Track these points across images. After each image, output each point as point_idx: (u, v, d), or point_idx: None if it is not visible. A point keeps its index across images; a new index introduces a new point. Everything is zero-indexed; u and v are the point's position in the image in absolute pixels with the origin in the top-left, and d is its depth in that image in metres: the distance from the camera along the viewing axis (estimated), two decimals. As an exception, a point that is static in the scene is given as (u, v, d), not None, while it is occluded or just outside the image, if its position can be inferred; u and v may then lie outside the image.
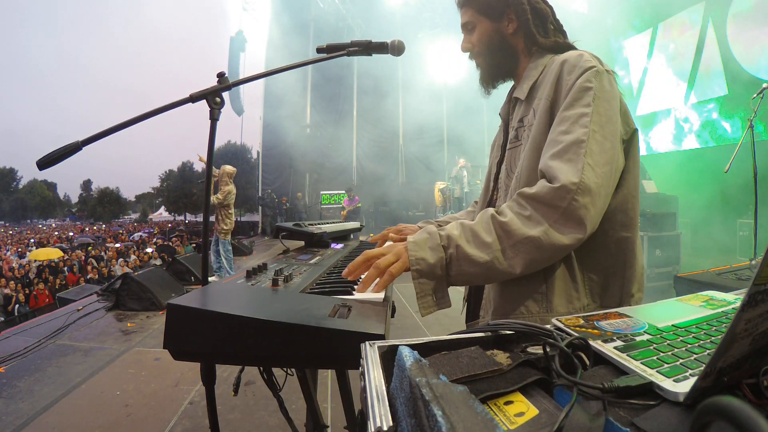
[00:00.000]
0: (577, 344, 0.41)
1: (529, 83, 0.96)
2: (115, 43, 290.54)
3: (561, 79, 0.86)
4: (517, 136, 0.97)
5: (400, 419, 0.32)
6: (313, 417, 1.17)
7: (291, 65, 1.05)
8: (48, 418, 2.37)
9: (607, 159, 0.77)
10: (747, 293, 0.27)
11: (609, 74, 0.85)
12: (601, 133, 0.78)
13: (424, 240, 0.77)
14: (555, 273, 0.84)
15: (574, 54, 0.89)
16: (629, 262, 0.87)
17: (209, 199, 1.03)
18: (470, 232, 0.77)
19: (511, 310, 0.88)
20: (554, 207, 0.74)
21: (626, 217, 0.86)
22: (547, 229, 0.74)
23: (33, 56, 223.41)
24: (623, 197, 0.86)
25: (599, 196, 0.75)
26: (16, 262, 14.27)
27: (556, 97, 0.86)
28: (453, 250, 0.75)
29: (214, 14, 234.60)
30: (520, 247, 0.74)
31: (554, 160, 0.77)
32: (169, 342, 0.59)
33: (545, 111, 0.87)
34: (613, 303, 0.87)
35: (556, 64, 0.89)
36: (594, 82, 0.81)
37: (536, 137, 0.87)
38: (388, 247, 0.80)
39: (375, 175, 14.37)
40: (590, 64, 0.84)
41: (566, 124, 0.80)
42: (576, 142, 0.77)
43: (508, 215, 0.77)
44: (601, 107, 0.80)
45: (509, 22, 1.00)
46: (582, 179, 0.73)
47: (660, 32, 8.45)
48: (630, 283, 0.87)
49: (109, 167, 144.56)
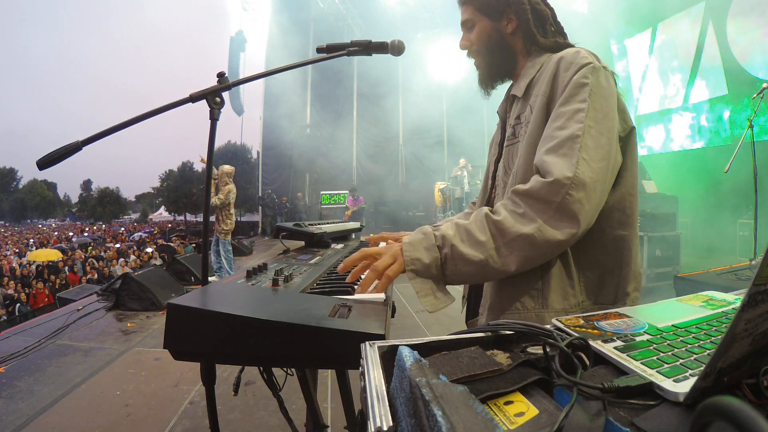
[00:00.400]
0: (577, 344, 0.41)
1: (527, 80, 0.96)
2: (115, 43, 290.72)
3: (557, 76, 0.86)
4: (514, 133, 0.97)
5: (400, 419, 0.32)
6: (313, 417, 1.17)
7: (291, 65, 1.05)
8: (48, 418, 2.37)
9: (603, 154, 0.77)
10: (747, 293, 0.27)
11: (606, 71, 0.85)
12: (597, 128, 0.78)
13: (419, 240, 0.77)
14: (551, 270, 0.84)
15: (571, 51, 0.89)
16: (626, 261, 0.87)
17: (209, 198, 1.03)
18: (464, 231, 0.77)
19: (507, 306, 0.88)
20: (548, 202, 0.74)
21: (624, 216, 0.86)
22: (541, 225, 0.73)
23: (33, 56, 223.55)
24: (621, 195, 0.86)
25: (594, 191, 0.75)
26: (16, 261, 14.28)
27: (552, 94, 0.86)
28: (448, 249, 0.75)
29: (214, 14, 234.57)
30: (514, 245, 0.74)
31: (549, 155, 0.77)
32: (169, 342, 0.59)
33: (542, 107, 0.87)
34: (608, 301, 0.87)
35: (552, 61, 0.89)
36: (590, 79, 0.81)
37: (533, 134, 0.87)
38: (385, 247, 0.81)
39: (375, 175, 14.36)
40: (587, 60, 0.84)
41: (562, 120, 0.80)
42: (571, 137, 0.76)
43: (502, 213, 0.77)
44: (597, 103, 0.80)
45: (508, 21, 1.00)
46: (576, 173, 0.73)
47: (660, 32, 8.44)
48: (626, 281, 0.87)
49: (109, 167, 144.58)
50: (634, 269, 0.88)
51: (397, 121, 14.95)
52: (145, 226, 36.18)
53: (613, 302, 0.87)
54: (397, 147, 15.15)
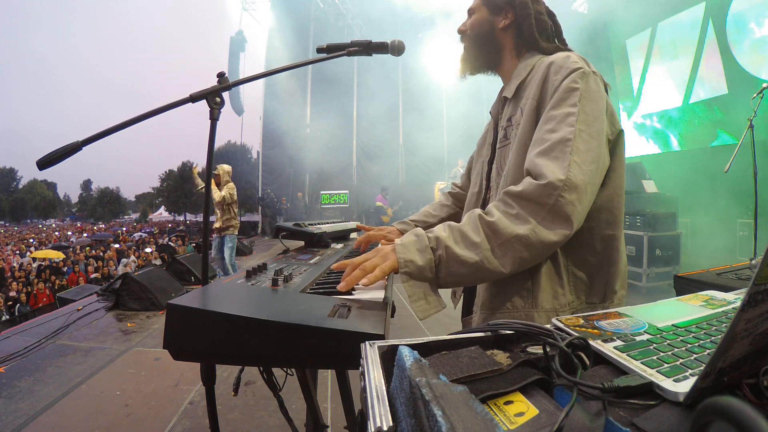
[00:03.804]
0: (577, 344, 0.41)
1: (517, 82, 0.98)
2: (116, 43, 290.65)
3: (547, 80, 0.87)
4: (506, 135, 0.99)
5: (400, 419, 0.32)
6: (313, 417, 1.17)
7: (291, 65, 1.05)
8: (48, 418, 2.37)
9: (593, 157, 0.78)
10: (747, 293, 0.27)
11: (595, 75, 0.86)
12: (588, 132, 0.79)
13: (411, 242, 0.77)
14: (541, 270, 0.85)
15: (561, 55, 0.90)
16: (613, 260, 0.88)
17: (209, 198, 1.03)
18: (458, 232, 0.77)
19: (498, 305, 0.89)
20: (541, 204, 0.74)
21: (611, 215, 0.88)
22: (535, 226, 0.74)
23: (33, 56, 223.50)
24: (609, 196, 0.87)
25: (585, 193, 0.76)
26: (16, 261, 14.27)
27: (542, 98, 0.87)
28: (442, 251, 0.75)
29: (214, 14, 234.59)
30: (508, 246, 0.75)
31: (540, 158, 0.78)
32: (169, 342, 0.58)
33: (532, 110, 0.88)
34: (597, 299, 0.88)
35: (543, 64, 0.91)
36: (580, 83, 0.82)
37: (523, 136, 0.88)
38: (374, 251, 0.80)
39: (375, 175, 14.35)
40: (577, 65, 0.85)
41: (552, 123, 0.81)
42: (562, 141, 0.77)
43: (496, 214, 0.77)
44: (587, 107, 0.81)
45: (504, 18, 1.03)
46: (568, 176, 0.74)
47: (660, 32, 8.44)
48: (614, 279, 0.88)
49: (109, 167, 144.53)
50: (621, 268, 0.90)
51: (397, 121, 14.95)
52: (145, 226, 36.17)
53: (602, 300, 0.88)
54: (397, 147, 15.15)
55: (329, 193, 13.69)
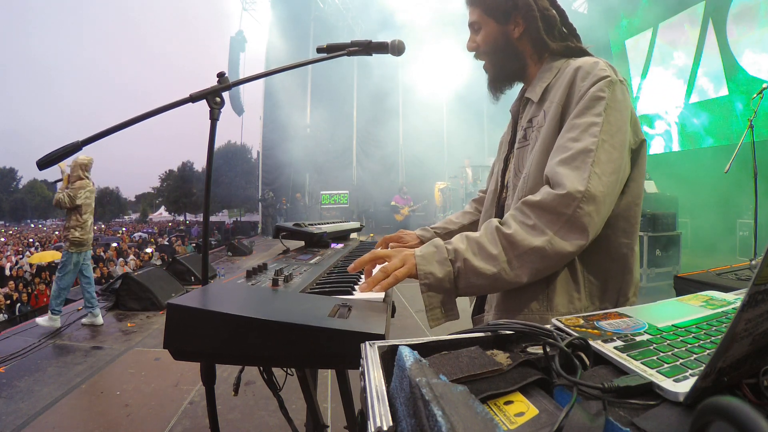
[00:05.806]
0: (577, 344, 0.41)
1: (543, 85, 0.96)
2: (116, 43, 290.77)
3: (574, 85, 0.86)
4: (525, 136, 0.98)
5: (400, 419, 0.32)
6: (313, 417, 1.17)
7: (291, 65, 1.05)
8: (48, 418, 2.37)
9: (614, 168, 0.79)
10: (747, 293, 0.27)
11: (622, 84, 0.86)
12: (611, 142, 0.79)
13: (431, 254, 0.78)
14: (558, 274, 0.86)
15: (590, 61, 0.89)
16: (628, 267, 0.89)
17: (209, 198, 1.03)
18: (476, 244, 0.78)
19: (513, 307, 0.89)
20: (559, 214, 0.75)
21: (628, 224, 0.88)
22: (552, 237, 0.75)
23: (33, 56, 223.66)
24: (626, 204, 0.88)
25: (603, 204, 0.76)
26: (8, 262, 14.24)
27: (567, 103, 0.87)
28: (460, 263, 0.76)
29: (214, 14, 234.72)
30: (525, 258, 0.75)
31: (561, 167, 0.78)
32: (169, 342, 0.58)
33: (555, 115, 0.87)
34: (609, 305, 0.89)
35: (570, 68, 0.89)
36: (607, 92, 0.82)
37: (545, 140, 0.88)
38: (396, 250, 0.81)
39: (375, 175, 14.35)
40: (605, 73, 0.84)
41: (576, 132, 0.81)
42: (584, 151, 0.77)
43: (513, 226, 0.77)
44: (612, 117, 0.80)
45: (516, 25, 0.99)
46: (588, 188, 0.74)
47: (660, 32, 8.44)
48: (627, 287, 0.89)
49: (109, 167, 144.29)
50: (635, 276, 0.91)
51: (397, 121, 14.94)
52: (145, 226, 36.16)
53: (614, 307, 0.88)
54: (397, 147, 15.15)
55: (329, 193, 13.70)
